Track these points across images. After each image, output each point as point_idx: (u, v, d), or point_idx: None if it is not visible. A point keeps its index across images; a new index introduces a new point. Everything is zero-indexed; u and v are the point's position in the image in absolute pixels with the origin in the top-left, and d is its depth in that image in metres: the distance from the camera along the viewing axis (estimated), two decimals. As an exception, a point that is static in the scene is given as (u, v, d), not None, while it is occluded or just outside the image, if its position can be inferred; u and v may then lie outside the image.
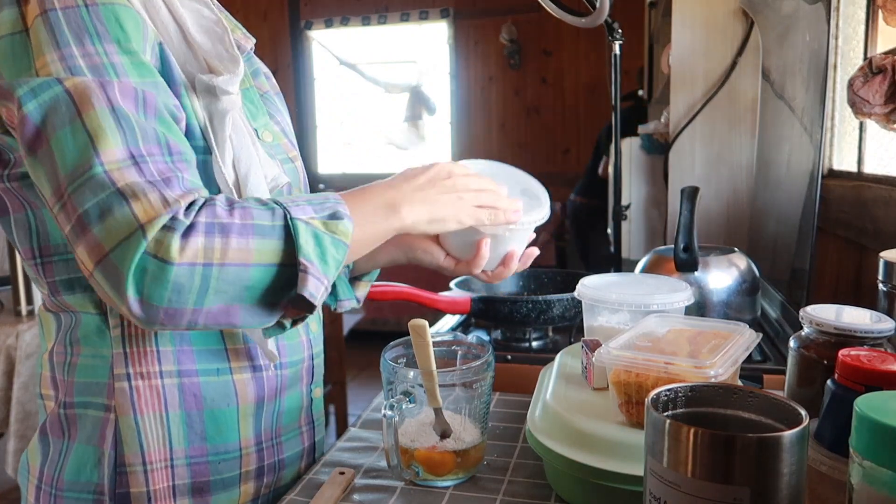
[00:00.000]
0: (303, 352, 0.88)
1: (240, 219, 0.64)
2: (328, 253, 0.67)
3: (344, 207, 0.70)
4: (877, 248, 0.92)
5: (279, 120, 0.90)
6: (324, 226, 0.67)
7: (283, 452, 0.86)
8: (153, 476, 0.77)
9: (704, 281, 1.22)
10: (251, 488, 0.83)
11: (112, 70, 0.65)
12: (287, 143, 0.89)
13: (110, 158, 0.62)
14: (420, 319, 0.77)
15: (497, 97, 5.18)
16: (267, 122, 0.86)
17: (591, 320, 0.97)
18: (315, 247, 0.66)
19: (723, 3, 1.83)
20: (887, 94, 1.01)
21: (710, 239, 1.79)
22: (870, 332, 0.68)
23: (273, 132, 0.86)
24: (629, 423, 0.73)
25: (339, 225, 0.68)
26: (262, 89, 0.91)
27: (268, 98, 0.91)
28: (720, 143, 1.87)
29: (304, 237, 0.65)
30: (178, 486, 0.78)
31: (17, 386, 2.24)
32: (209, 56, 0.74)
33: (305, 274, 0.65)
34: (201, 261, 0.61)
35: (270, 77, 0.97)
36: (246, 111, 0.82)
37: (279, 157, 0.85)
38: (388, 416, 0.75)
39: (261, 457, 0.84)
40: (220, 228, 0.62)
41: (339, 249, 0.68)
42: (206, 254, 0.61)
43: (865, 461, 0.46)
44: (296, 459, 0.89)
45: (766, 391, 0.58)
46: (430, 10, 5.19)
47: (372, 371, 4.14)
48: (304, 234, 0.65)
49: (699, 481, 0.49)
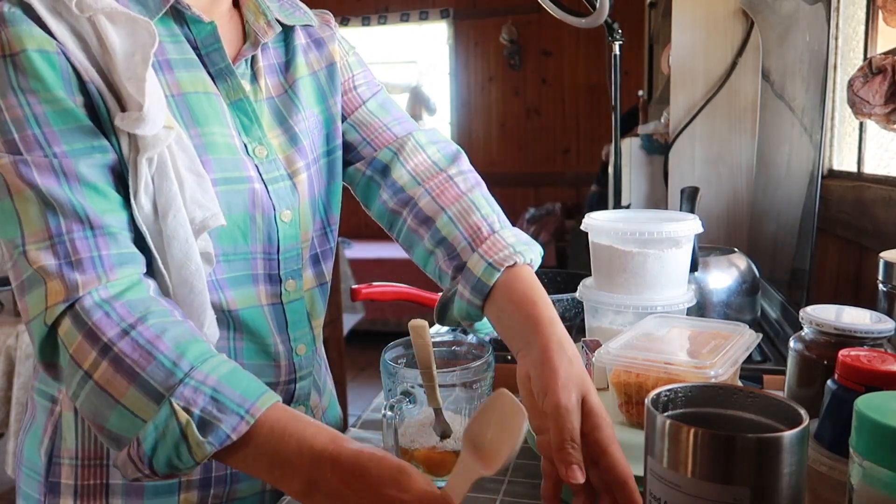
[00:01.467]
0: (277, 377, 0.83)
1: (137, 358, 0.63)
2: (165, 449, 0.61)
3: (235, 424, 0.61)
4: (877, 248, 0.92)
5: (291, 124, 0.84)
6: (186, 427, 0.60)
7: None
8: (83, 472, 0.79)
9: (704, 281, 1.22)
10: (193, 497, 0.81)
11: (34, 121, 0.67)
12: (293, 154, 0.83)
13: (31, 240, 0.66)
14: (420, 319, 0.77)
15: (497, 97, 5.19)
16: (262, 136, 0.81)
17: (593, 321, 0.97)
18: (160, 437, 0.61)
19: (723, 3, 1.83)
20: (887, 95, 1.01)
21: (710, 239, 1.79)
22: (870, 333, 0.68)
23: (269, 146, 0.81)
24: (629, 423, 0.73)
25: (198, 437, 0.60)
26: (290, 80, 0.85)
27: (293, 93, 0.85)
28: (720, 144, 1.87)
29: (157, 422, 0.61)
30: (111, 485, 0.79)
31: (17, 386, 2.24)
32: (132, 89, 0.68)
33: (126, 451, 0.62)
34: (85, 367, 0.63)
35: (323, 45, 0.89)
36: (238, 124, 0.79)
37: (271, 176, 0.80)
38: (388, 417, 0.75)
39: (206, 467, 0.80)
40: (113, 357, 0.63)
41: (181, 458, 0.61)
42: (92, 364, 0.63)
43: (865, 461, 0.46)
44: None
45: (766, 391, 0.58)
46: (430, 11, 5.19)
47: (372, 371, 4.14)
48: (160, 419, 0.61)
49: (699, 481, 0.49)
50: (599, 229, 0.93)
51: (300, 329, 0.86)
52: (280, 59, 0.87)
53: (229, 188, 0.76)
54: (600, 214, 0.94)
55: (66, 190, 0.67)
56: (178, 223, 0.70)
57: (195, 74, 0.77)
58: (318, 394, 0.93)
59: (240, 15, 0.85)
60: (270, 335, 0.83)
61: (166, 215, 0.70)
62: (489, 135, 5.21)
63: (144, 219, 0.70)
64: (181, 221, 0.71)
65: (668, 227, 0.88)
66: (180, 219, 0.71)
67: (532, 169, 5.15)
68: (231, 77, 0.79)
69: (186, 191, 0.71)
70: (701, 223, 0.91)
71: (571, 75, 5.08)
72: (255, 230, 0.79)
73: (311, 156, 0.86)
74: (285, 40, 0.87)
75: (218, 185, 0.75)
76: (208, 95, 0.77)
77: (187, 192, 0.71)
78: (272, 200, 0.80)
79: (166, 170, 0.70)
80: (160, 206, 0.71)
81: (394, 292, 1.30)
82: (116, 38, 0.68)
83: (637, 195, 2.26)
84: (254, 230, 0.79)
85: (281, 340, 0.84)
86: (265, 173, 0.80)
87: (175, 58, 0.76)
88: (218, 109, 0.78)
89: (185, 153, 0.72)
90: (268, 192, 0.80)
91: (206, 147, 0.75)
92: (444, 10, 5.14)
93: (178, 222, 0.70)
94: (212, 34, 0.78)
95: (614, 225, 0.91)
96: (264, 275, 0.81)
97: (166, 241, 0.71)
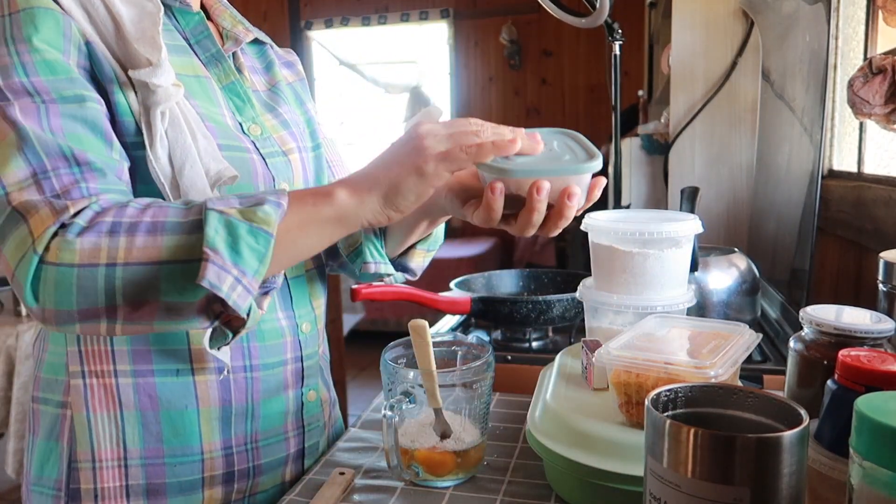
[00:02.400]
0: (284, 354, 0.85)
1: (151, 217, 0.63)
2: (242, 241, 0.62)
3: (278, 197, 0.66)
4: (877, 248, 0.92)
5: (281, 112, 0.89)
6: (240, 214, 0.63)
7: (259, 458, 0.84)
8: (102, 474, 0.78)
9: (704, 281, 1.22)
10: (218, 493, 0.81)
11: (21, 69, 0.67)
12: (285, 135, 0.87)
13: (11, 180, 0.64)
14: (420, 319, 0.77)
15: (497, 97, 5.18)
16: (255, 116, 0.84)
17: (593, 321, 0.97)
18: (226, 235, 0.62)
19: (723, 4, 1.83)
20: (887, 95, 1.01)
21: (710, 239, 1.79)
22: (870, 333, 0.68)
23: (263, 126, 0.85)
24: (629, 424, 0.73)
25: (257, 211, 0.63)
26: (271, 82, 0.91)
27: (277, 89, 0.91)
28: (720, 144, 1.87)
29: (214, 226, 0.62)
30: (131, 486, 0.78)
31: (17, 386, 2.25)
32: (142, 48, 0.72)
33: (206, 262, 0.60)
34: (104, 261, 0.61)
35: (293, 66, 0.98)
36: (231, 105, 0.83)
37: (268, 151, 0.83)
38: (388, 417, 0.75)
39: (229, 462, 0.82)
40: (127, 227, 0.62)
41: (258, 238, 0.63)
42: (108, 253, 0.61)
43: (865, 461, 0.46)
44: (277, 466, 0.86)
45: (766, 391, 0.58)
46: (430, 11, 5.19)
47: (372, 371, 4.14)
48: (213, 223, 0.62)
49: (699, 481, 0.49)
50: (599, 229, 0.93)
51: (303, 307, 0.89)
52: (258, 65, 0.92)
53: (231, 154, 0.78)
54: (600, 214, 0.94)
55: (50, 133, 0.66)
56: (195, 174, 0.72)
57: (186, 60, 0.80)
58: (327, 388, 0.95)
59: (214, 24, 0.89)
60: (275, 310, 0.85)
61: (182, 167, 0.72)
62: (489, 135, 5.21)
63: (161, 170, 0.72)
64: (198, 172, 0.72)
65: (668, 227, 0.88)
66: (197, 170, 0.72)
67: (532, 169, 5.15)
68: (223, 61, 0.83)
69: (200, 144, 0.73)
70: (701, 223, 0.91)
71: (571, 75, 5.08)
72: None
73: (301, 143, 0.90)
74: (260, 53, 0.94)
75: (223, 151, 0.77)
76: (199, 79, 0.80)
77: (200, 146, 0.73)
78: (271, 172, 0.83)
79: (179, 123, 0.73)
80: (176, 158, 0.72)
81: (394, 292, 1.30)
82: (123, 8, 0.72)
83: (637, 195, 2.26)
84: None
85: (286, 317, 0.86)
86: (262, 148, 0.83)
87: (168, 43, 0.77)
88: (210, 92, 0.81)
89: (192, 115, 0.75)
90: (266, 165, 0.82)
91: (204, 118, 0.77)
92: (444, 10, 5.14)
93: (195, 173, 0.72)
94: (201, 23, 0.83)
95: (614, 225, 0.91)
96: None
97: (183, 194, 0.72)
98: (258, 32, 0.92)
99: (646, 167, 2.26)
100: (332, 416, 0.98)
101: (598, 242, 0.93)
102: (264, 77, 0.92)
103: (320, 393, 0.92)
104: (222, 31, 0.88)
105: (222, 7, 0.90)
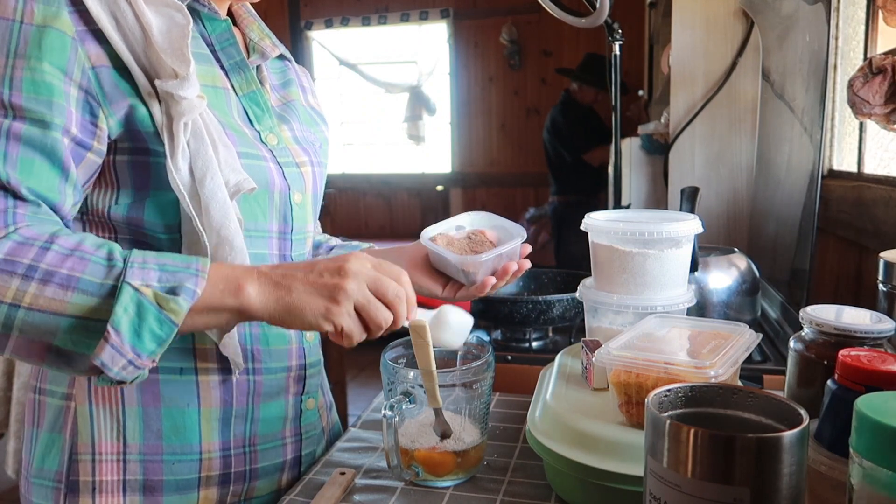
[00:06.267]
0: (288, 360, 0.86)
1: (68, 269, 0.64)
2: (146, 326, 0.64)
3: (195, 282, 0.66)
4: (877, 248, 0.92)
5: (294, 126, 0.89)
6: (154, 297, 0.64)
7: (256, 462, 0.84)
8: (101, 467, 0.78)
9: (704, 281, 1.22)
10: (213, 494, 0.82)
11: (8, 83, 0.67)
12: (298, 148, 0.88)
13: None
14: (420, 319, 0.77)
15: (497, 97, 5.18)
16: (273, 126, 0.85)
17: (593, 321, 0.97)
18: (133, 316, 0.63)
19: (723, 3, 1.83)
20: (887, 95, 1.01)
21: (710, 239, 1.79)
22: (870, 333, 0.68)
23: (279, 136, 0.85)
24: (629, 423, 0.73)
25: (171, 302, 0.64)
26: (287, 98, 0.92)
27: (292, 106, 0.91)
28: (720, 143, 1.87)
29: (125, 304, 0.63)
30: (129, 480, 0.79)
31: (17, 386, 2.24)
32: (170, 59, 0.73)
33: (105, 343, 0.63)
34: (9, 300, 0.62)
35: (308, 91, 0.99)
36: (250, 114, 0.83)
37: (284, 160, 0.84)
38: (388, 417, 0.75)
39: (227, 463, 0.82)
40: (42, 274, 0.63)
41: (163, 326, 0.64)
42: (16, 295, 0.62)
43: (865, 461, 0.46)
44: (273, 471, 0.86)
45: (766, 391, 0.58)
46: (430, 11, 5.19)
47: (372, 371, 4.14)
48: (125, 300, 0.63)
49: (699, 481, 0.49)
50: (599, 229, 0.93)
51: None
52: (276, 80, 0.93)
53: (250, 163, 0.79)
54: (600, 214, 0.94)
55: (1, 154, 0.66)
56: (216, 185, 0.73)
57: (207, 69, 0.80)
58: (323, 394, 0.96)
59: (241, 33, 0.90)
60: None
61: (204, 178, 0.73)
62: (489, 135, 5.20)
63: (182, 180, 0.72)
64: (219, 184, 0.73)
65: (668, 227, 0.88)
66: (217, 181, 0.73)
67: (532, 169, 5.14)
68: (245, 70, 0.84)
69: (220, 155, 0.74)
70: (701, 223, 0.91)
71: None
72: (273, 209, 0.83)
73: (314, 158, 0.91)
74: (281, 70, 0.94)
75: (242, 159, 0.77)
76: (217, 90, 0.80)
77: (221, 156, 0.74)
78: (287, 181, 0.84)
79: (201, 134, 0.73)
80: (197, 169, 0.73)
81: (394, 292, 1.30)
82: (153, 17, 0.72)
83: (637, 195, 2.26)
84: (271, 208, 0.82)
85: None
86: (279, 157, 0.84)
87: (191, 52, 0.77)
88: (227, 104, 0.81)
89: (214, 125, 0.75)
90: (282, 173, 0.83)
91: (224, 126, 0.78)
92: (444, 10, 5.13)
93: (216, 184, 0.73)
94: (227, 30, 0.83)
95: (614, 225, 0.91)
96: (278, 255, 0.84)
97: (204, 204, 0.73)
98: (283, 48, 0.93)
99: (646, 167, 2.26)
100: (330, 420, 0.99)
101: (598, 242, 0.93)
102: (279, 93, 0.93)
103: (318, 401, 0.92)
104: (248, 42, 0.89)
105: (251, 17, 0.90)
